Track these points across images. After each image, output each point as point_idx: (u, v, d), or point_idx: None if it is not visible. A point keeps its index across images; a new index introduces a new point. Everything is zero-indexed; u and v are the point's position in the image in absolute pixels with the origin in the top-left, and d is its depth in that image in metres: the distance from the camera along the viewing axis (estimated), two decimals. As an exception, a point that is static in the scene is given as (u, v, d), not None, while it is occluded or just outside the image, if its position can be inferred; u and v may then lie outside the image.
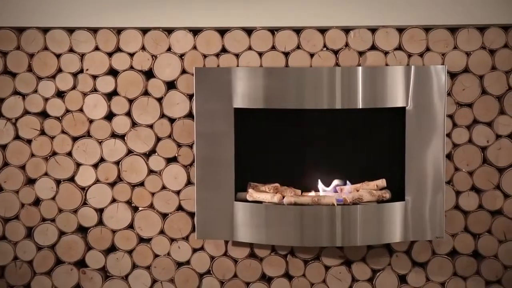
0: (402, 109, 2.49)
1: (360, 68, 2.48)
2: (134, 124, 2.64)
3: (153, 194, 2.66)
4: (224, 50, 2.58)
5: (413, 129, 2.49)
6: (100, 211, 2.68)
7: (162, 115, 2.63)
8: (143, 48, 2.61)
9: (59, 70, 2.62)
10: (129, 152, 2.66)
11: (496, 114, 2.56)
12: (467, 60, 2.54)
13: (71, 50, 2.62)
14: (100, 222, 2.69)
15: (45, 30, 2.61)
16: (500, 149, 2.57)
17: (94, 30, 2.61)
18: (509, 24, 2.51)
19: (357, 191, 2.56)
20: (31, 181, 2.69)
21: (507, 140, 2.57)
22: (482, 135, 2.57)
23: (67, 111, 2.64)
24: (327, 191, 2.60)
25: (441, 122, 2.49)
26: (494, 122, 2.57)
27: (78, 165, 2.66)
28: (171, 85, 2.62)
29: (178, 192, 2.65)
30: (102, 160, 2.66)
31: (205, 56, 2.59)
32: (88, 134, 2.65)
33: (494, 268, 2.62)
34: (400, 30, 2.54)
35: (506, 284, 2.63)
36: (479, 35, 2.53)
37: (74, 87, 2.63)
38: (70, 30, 2.61)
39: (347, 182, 2.61)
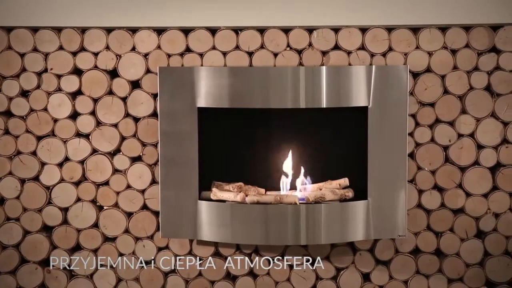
0: (365, 109, 2.50)
1: (323, 67, 2.50)
2: (98, 123, 2.64)
3: (118, 193, 2.66)
4: (188, 49, 2.59)
5: (375, 128, 2.50)
6: (65, 210, 2.69)
7: (127, 115, 2.63)
8: (107, 47, 2.61)
9: (23, 70, 2.62)
10: (94, 151, 2.66)
11: (458, 114, 2.59)
12: (429, 60, 2.56)
13: (35, 50, 2.61)
14: (65, 221, 2.69)
15: (8, 29, 2.61)
16: (461, 148, 2.60)
17: (58, 30, 2.61)
18: (470, 24, 2.54)
19: (320, 189, 2.58)
20: (-5, 181, 2.70)
21: (469, 139, 2.59)
22: (444, 134, 2.59)
23: (32, 110, 2.64)
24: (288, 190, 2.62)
25: (403, 121, 2.51)
26: (456, 121, 2.59)
27: (43, 164, 2.66)
28: (135, 84, 2.63)
29: (142, 191, 2.66)
30: (66, 159, 2.66)
31: (169, 56, 2.59)
32: (52, 134, 2.65)
33: (456, 266, 2.65)
34: (363, 30, 2.56)
35: (468, 282, 2.65)
36: (440, 35, 2.55)
37: (38, 87, 2.63)
38: (34, 30, 2.61)
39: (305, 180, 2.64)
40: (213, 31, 2.58)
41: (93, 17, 2.58)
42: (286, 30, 2.57)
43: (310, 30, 2.57)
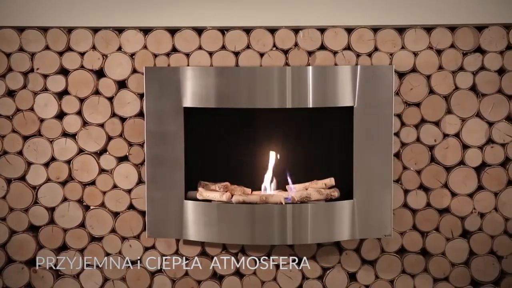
0: (351, 109, 2.51)
1: (309, 67, 2.50)
2: (85, 123, 2.64)
3: (104, 193, 2.66)
4: (174, 49, 2.59)
5: (361, 128, 2.51)
6: (51, 210, 2.68)
7: (113, 114, 2.63)
8: (93, 47, 2.61)
9: (9, 69, 2.62)
10: (80, 151, 2.66)
11: (443, 114, 2.59)
12: (415, 60, 2.57)
13: (21, 49, 2.61)
14: (52, 221, 2.69)
15: (-6, 29, 2.62)
16: (447, 148, 2.61)
17: (45, 29, 2.61)
18: (455, 24, 2.55)
19: (306, 189, 2.58)
20: (-19, 180, 2.69)
21: (454, 139, 2.60)
22: (430, 134, 2.60)
23: (18, 110, 2.64)
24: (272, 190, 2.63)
25: (389, 121, 2.51)
26: (441, 121, 2.60)
27: (29, 164, 2.66)
28: (122, 84, 2.63)
29: (129, 191, 2.66)
30: (53, 159, 2.66)
31: (155, 56, 2.59)
32: (39, 133, 2.65)
33: (442, 266, 2.66)
34: (349, 30, 2.56)
35: (454, 281, 2.66)
36: (426, 35, 2.56)
37: (24, 86, 2.63)
38: (20, 29, 2.61)
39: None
40: (199, 31, 2.58)
41: (79, 17, 2.58)
42: (272, 30, 2.57)
43: (296, 30, 2.57)
